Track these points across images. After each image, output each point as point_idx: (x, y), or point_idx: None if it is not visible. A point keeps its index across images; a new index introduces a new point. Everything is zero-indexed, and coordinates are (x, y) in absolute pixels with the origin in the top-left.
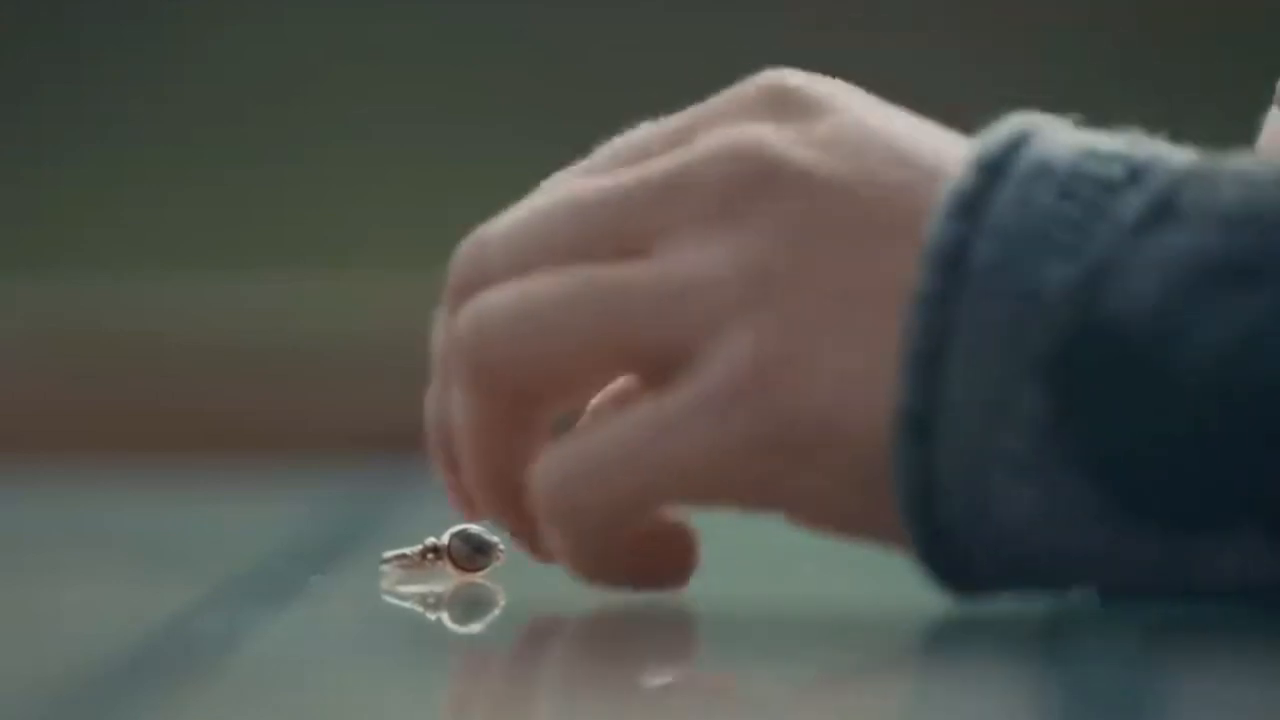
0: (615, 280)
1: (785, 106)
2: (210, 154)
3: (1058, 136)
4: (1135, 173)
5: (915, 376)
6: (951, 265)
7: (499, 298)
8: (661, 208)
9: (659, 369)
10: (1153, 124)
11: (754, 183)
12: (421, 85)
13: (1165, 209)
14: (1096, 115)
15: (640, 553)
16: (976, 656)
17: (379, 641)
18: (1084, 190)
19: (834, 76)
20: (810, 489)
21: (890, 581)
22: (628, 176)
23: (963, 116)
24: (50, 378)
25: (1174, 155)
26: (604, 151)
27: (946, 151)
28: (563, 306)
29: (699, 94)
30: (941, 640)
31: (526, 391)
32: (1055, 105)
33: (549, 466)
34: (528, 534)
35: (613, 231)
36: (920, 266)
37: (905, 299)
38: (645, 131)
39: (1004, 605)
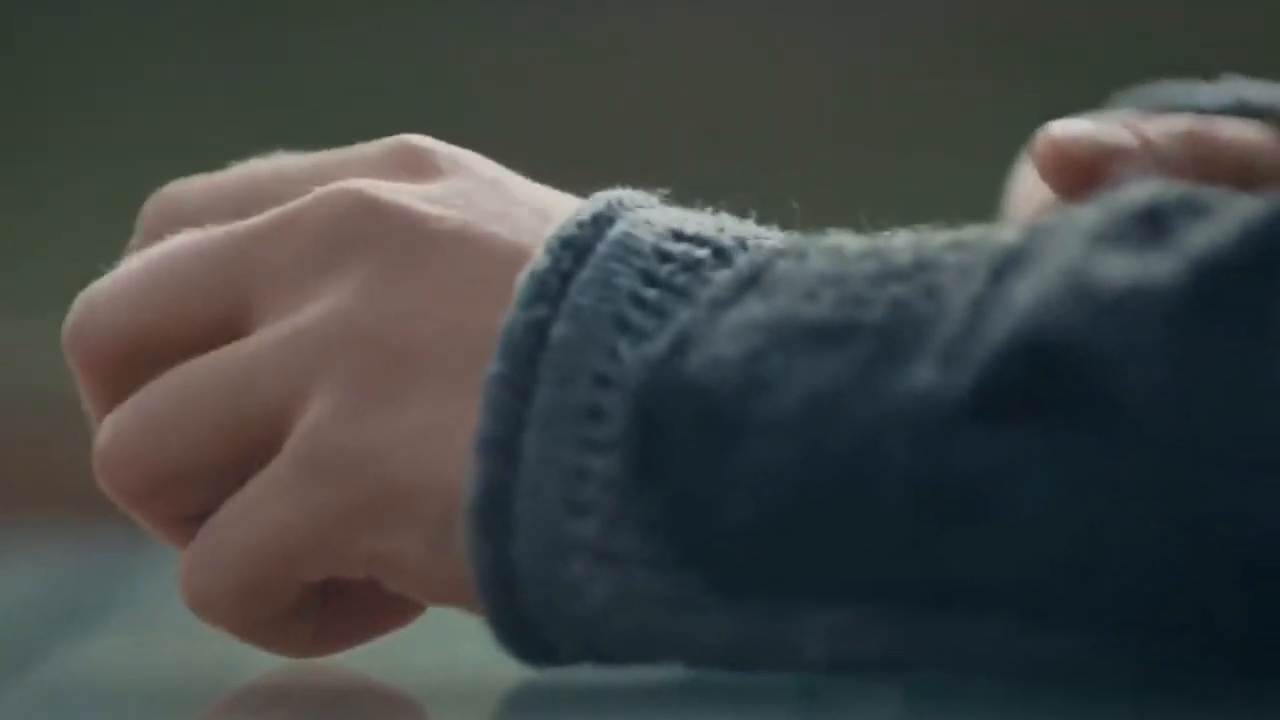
0: (210, 368)
1: (405, 166)
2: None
3: (645, 215)
4: (722, 252)
5: (488, 464)
6: (526, 348)
7: (119, 420)
8: (262, 254)
9: (279, 439)
10: None
11: (354, 227)
12: (413, 87)
13: (751, 283)
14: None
15: (344, 613)
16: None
17: (118, 713)
18: (666, 273)
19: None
20: (399, 554)
21: None
22: (233, 227)
23: (962, 126)
24: None
25: (768, 236)
26: (230, 185)
27: (559, 206)
28: (175, 409)
29: (695, 97)
30: (685, 697)
31: (181, 502)
32: (1056, 112)
33: (180, 567)
34: None
35: (213, 289)
36: (496, 352)
37: (488, 363)
38: (268, 174)
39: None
